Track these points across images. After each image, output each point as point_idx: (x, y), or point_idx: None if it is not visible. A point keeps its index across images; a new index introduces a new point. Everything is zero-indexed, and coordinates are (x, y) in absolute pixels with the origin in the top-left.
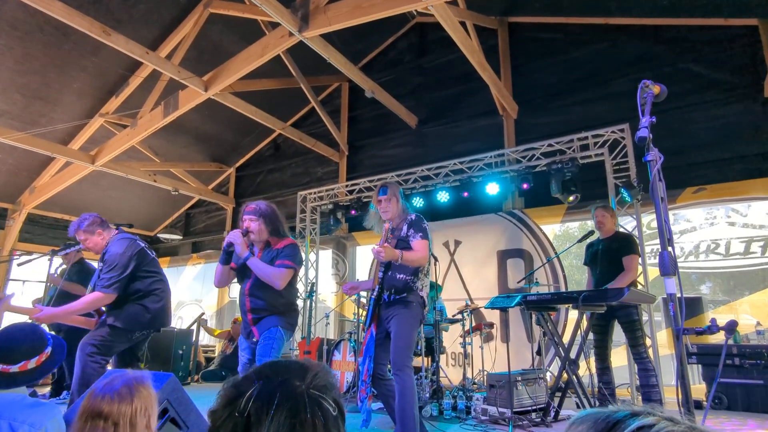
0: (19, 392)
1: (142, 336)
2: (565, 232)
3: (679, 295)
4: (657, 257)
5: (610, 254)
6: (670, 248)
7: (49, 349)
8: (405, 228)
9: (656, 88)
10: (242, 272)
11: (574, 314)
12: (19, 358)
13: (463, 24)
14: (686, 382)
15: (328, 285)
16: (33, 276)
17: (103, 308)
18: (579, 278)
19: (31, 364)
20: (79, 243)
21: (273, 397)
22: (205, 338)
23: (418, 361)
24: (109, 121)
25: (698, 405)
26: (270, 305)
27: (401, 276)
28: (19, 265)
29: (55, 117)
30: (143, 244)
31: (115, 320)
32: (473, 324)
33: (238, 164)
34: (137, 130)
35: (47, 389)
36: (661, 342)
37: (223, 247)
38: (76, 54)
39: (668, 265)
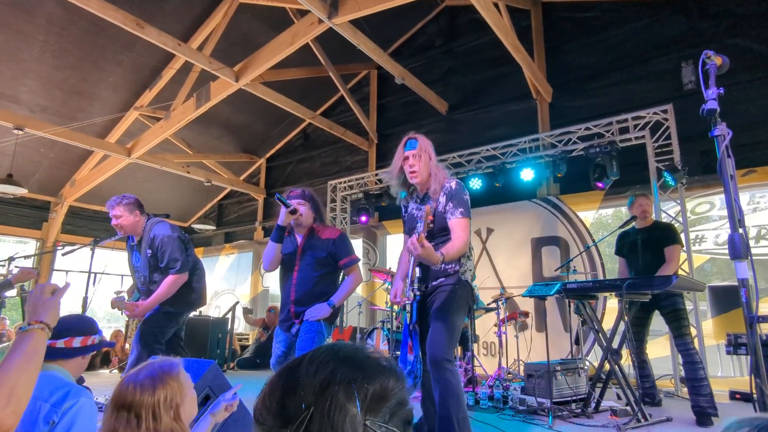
0: (64, 378)
1: (186, 316)
2: (599, 219)
3: (752, 280)
4: (701, 243)
5: (652, 244)
6: (741, 230)
7: (96, 338)
8: (443, 199)
9: (718, 60)
10: (289, 262)
11: (612, 303)
12: (66, 334)
13: (495, 5)
14: (762, 374)
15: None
16: (75, 266)
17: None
18: (614, 267)
19: (76, 342)
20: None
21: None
22: (239, 326)
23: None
24: (143, 114)
25: (747, 397)
26: (319, 298)
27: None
28: (63, 255)
29: (93, 111)
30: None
31: (167, 305)
32: (507, 313)
33: (268, 155)
34: (170, 122)
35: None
36: (707, 332)
37: (277, 223)
38: (111, 48)
39: (739, 248)
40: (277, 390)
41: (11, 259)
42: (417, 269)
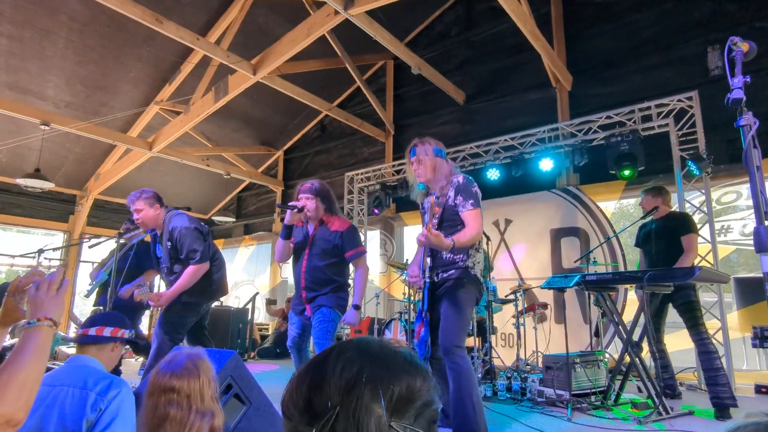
0: (102, 369)
1: (207, 307)
2: (621, 210)
3: None
4: (727, 234)
5: (667, 234)
6: (767, 222)
7: (126, 333)
8: (452, 193)
9: (745, 46)
10: (299, 250)
11: (633, 295)
12: (98, 324)
13: None
14: None
15: (376, 265)
16: (100, 258)
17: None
18: (635, 258)
19: (106, 332)
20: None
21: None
22: (259, 317)
23: (469, 342)
24: (163, 109)
25: None
26: (326, 284)
27: (449, 255)
28: (90, 247)
29: (115, 106)
30: None
31: (186, 296)
32: (526, 305)
33: (285, 147)
34: (190, 116)
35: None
36: (732, 324)
37: (284, 223)
38: (131, 44)
39: (765, 241)
40: (303, 385)
41: (41, 252)
42: (428, 259)
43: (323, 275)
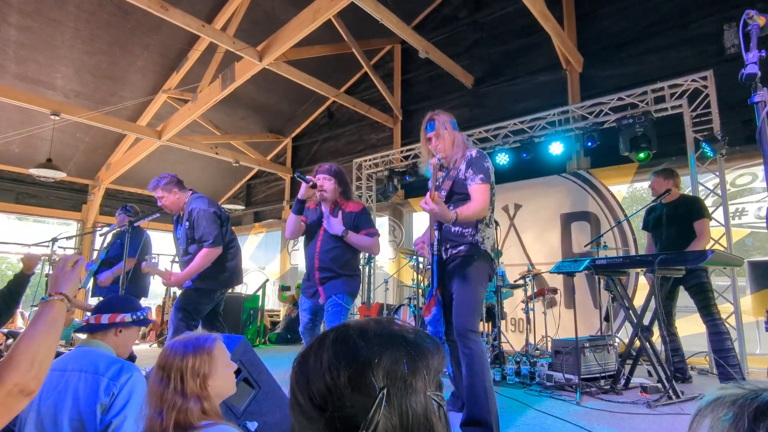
0: (112, 354)
1: (222, 294)
2: (632, 194)
3: None
4: (741, 217)
5: (678, 218)
6: None
7: (127, 317)
8: (463, 167)
9: (761, 20)
10: (312, 231)
11: (643, 279)
12: (109, 311)
13: None
14: None
15: (386, 251)
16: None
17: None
18: (645, 242)
19: (104, 319)
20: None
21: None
22: (269, 303)
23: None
24: (171, 97)
25: None
26: (340, 267)
27: (457, 229)
28: (101, 235)
29: (124, 95)
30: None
31: (199, 282)
32: (535, 290)
33: (293, 134)
34: (198, 104)
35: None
36: (745, 308)
37: (297, 197)
38: (138, 32)
39: None
40: (341, 370)
41: (54, 240)
42: (436, 232)
43: (338, 256)
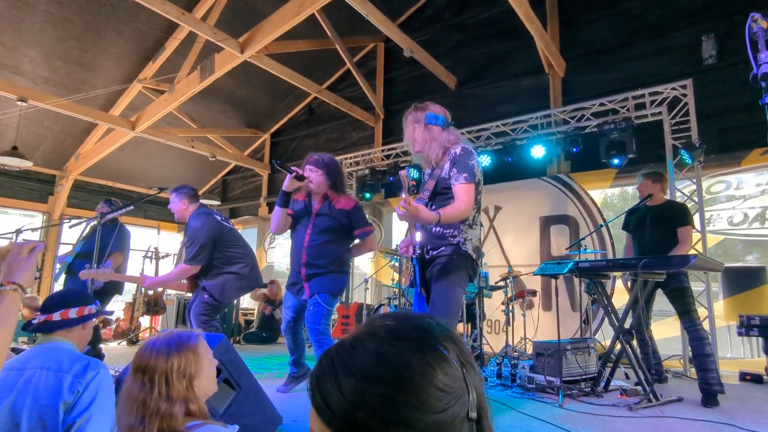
0: (75, 350)
1: (238, 295)
2: (604, 200)
3: None
4: (716, 224)
5: (663, 222)
6: None
7: (93, 308)
8: (447, 166)
9: (765, 23)
10: (298, 222)
11: (620, 283)
12: (61, 307)
13: None
14: None
15: None
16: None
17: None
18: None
19: (72, 313)
20: (122, 207)
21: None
22: (244, 301)
23: (458, 328)
24: (146, 87)
25: (758, 379)
26: (329, 262)
27: (438, 230)
28: (70, 227)
29: (96, 83)
30: (220, 217)
31: (211, 293)
32: (515, 291)
33: (272, 130)
34: (174, 95)
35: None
36: (717, 313)
37: (281, 189)
38: (113, 18)
39: None
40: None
41: (18, 232)
42: (417, 232)
43: (326, 253)
